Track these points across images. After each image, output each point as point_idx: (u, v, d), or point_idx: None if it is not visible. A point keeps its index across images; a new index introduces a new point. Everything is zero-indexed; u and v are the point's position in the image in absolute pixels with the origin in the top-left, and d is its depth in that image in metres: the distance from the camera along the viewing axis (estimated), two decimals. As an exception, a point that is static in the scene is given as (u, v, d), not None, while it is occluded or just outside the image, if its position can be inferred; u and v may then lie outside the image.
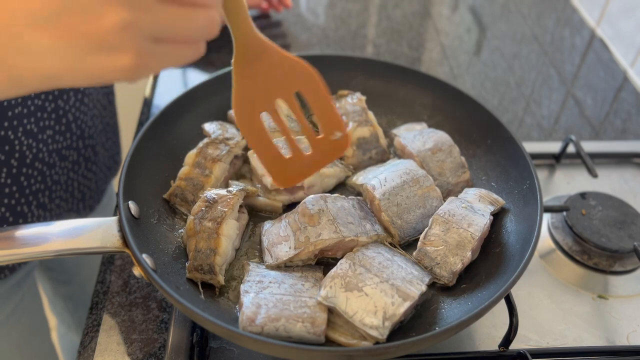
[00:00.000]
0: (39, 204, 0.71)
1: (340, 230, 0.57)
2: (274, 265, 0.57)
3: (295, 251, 0.56)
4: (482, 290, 0.55)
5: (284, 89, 0.55)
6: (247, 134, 0.56)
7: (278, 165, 0.57)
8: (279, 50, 0.53)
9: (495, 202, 0.62)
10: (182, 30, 0.39)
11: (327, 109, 0.56)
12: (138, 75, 0.38)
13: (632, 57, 0.98)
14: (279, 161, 0.57)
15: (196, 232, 0.57)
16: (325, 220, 0.57)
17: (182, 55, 0.40)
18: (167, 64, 0.40)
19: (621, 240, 0.67)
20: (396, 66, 0.75)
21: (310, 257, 0.57)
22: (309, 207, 0.59)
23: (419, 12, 1.13)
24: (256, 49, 0.53)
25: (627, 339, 0.61)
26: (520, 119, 0.89)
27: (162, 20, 0.37)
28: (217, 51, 0.96)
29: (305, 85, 0.55)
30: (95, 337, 0.59)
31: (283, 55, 0.53)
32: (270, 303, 0.52)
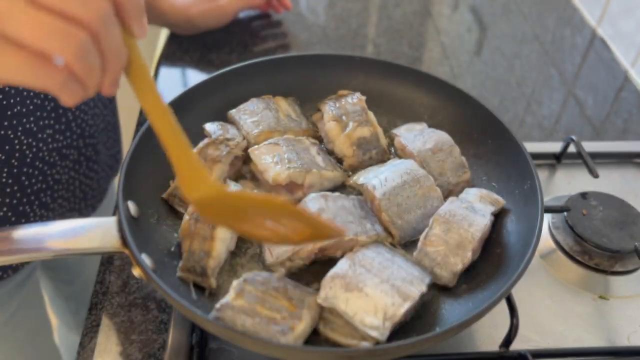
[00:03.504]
0: (41, 203, 0.71)
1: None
2: (275, 264, 0.57)
3: (295, 248, 0.56)
4: (483, 290, 0.55)
5: (252, 218, 0.50)
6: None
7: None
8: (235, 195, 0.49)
9: (495, 202, 0.62)
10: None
11: (315, 226, 0.50)
12: None
13: (633, 56, 0.97)
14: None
15: (191, 232, 0.57)
16: (325, 219, 0.57)
17: (17, 63, 0.36)
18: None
19: (622, 240, 0.66)
20: (396, 66, 0.74)
21: (309, 256, 0.57)
22: (308, 205, 0.59)
23: (420, 12, 1.12)
24: (207, 195, 0.47)
25: (628, 340, 0.61)
26: (521, 118, 0.89)
27: None
28: (216, 51, 0.96)
29: (275, 216, 0.49)
30: (94, 337, 0.59)
31: (237, 196, 0.49)
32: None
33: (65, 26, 0.36)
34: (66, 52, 0.36)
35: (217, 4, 0.94)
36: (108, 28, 0.38)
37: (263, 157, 0.64)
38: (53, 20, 0.35)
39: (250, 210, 0.49)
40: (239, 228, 0.51)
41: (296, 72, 0.75)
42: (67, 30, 0.36)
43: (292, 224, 0.49)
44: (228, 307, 0.52)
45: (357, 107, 0.69)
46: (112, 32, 0.38)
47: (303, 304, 0.53)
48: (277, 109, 0.71)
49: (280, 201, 0.49)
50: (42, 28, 0.35)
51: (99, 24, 0.37)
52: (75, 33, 0.36)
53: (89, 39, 0.37)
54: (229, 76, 0.72)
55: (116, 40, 0.39)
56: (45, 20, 0.35)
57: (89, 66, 0.38)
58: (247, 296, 0.52)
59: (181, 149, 0.46)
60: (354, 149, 0.67)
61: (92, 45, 0.37)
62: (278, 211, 0.49)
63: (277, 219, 0.49)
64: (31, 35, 0.35)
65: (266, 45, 0.99)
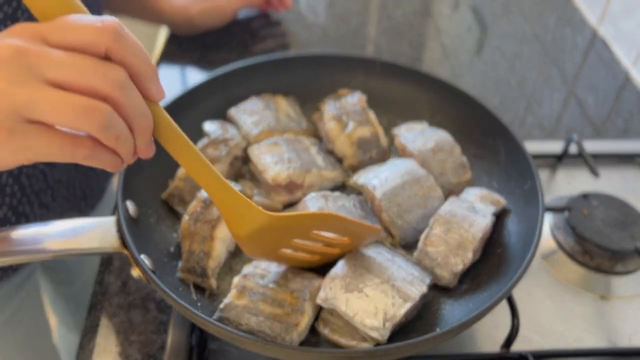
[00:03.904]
0: (41, 203, 0.71)
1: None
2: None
3: None
4: (484, 291, 0.55)
5: (299, 234, 0.52)
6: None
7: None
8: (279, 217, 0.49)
9: (496, 202, 0.62)
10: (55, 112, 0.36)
11: (354, 227, 0.53)
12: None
13: (634, 56, 0.97)
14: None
15: (191, 233, 0.57)
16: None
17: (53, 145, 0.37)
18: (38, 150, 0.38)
19: (623, 240, 0.66)
20: (397, 65, 0.74)
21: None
22: (308, 205, 0.59)
23: (420, 11, 1.12)
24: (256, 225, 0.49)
25: (629, 340, 0.61)
26: (522, 118, 0.89)
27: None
28: (216, 50, 0.96)
29: (321, 227, 0.52)
30: (93, 338, 0.59)
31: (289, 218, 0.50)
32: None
33: (88, 102, 0.36)
34: (91, 127, 0.37)
35: (216, 3, 0.94)
36: (128, 95, 0.38)
37: (263, 157, 0.64)
38: (75, 98, 0.36)
39: (293, 229, 0.51)
40: (282, 256, 0.54)
41: (296, 72, 0.74)
42: (90, 105, 0.36)
43: (331, 234, 0.53)
44: (232, 307, 0.52)
45: (358, 107, 0.69)
46: (132, 97, 0.39)
47: (304, 295, 0.53)
48: (276, 109, 0.71)
49: (320, 212, 0.53)
50: (66, 108, 0.36)
51: (119, 94, 0.38)
52: (97, 107, 0.37)
53: (111, 110, 0.37)
54: (229, 76, 0.71)
55: (138, 104, 0.39)
56: (68, 100, 0.36)
57: (116, 135, 0.38)
58: (248, 293, 0.52)
59: (223, 191, 0.47)
60: (354, 148, 0.67)
61: (115, 115, 0.38)
62: (319, 221, 0.51)
63: (319, 229, 0.52)
64: (56, 118, 0.36)
65: (266, 44, 0.99)
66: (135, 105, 0.39)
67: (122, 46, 0.38)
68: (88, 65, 0.37)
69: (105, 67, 0.37)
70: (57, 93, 0.36)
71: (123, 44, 0.38)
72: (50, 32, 0.37)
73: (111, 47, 0.37)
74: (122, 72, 0.38)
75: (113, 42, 0.37)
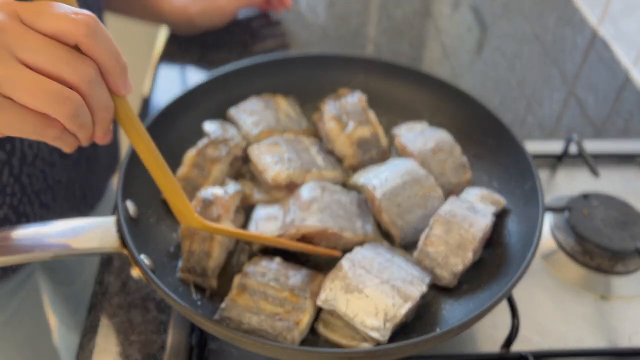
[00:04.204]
0: (42, 203, 0.71)
1: (324, 221, 0.57)
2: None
3: (279, 231, 0.57)
4: (484, 291, 0.55)
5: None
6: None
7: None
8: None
9: (496, 202, 0.62)
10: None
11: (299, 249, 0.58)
12: None
13: (634, 56, 0.97)
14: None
15: (190, 233, 0.57)
16: (316, 208, 0.58)
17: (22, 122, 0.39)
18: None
19: (623, 240, 0.66)
20: (397, 65, 0.74)
21: (292, 238, 0.58)
22: (303, 193, 0.59)
23: (420, 11, 1.12)
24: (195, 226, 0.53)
25: (630, 340, 0.61)
26: (522, 118, 0.89)
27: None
28: (216, 50, 0.96)
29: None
30: (93, 338, 0.59)
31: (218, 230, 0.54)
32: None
33: (61, 90, 0.39)
34: (62, 114, 0.39)
35: (216, 3, 0.93)
36: (96, 89, 0.41)
37: (263, 157, 0.64)
38: (49, 84, 0.38)
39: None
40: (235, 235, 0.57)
41: (296, 72, 0.74)
42: (63, 94, 0.39)
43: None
44: (233, 306, 0.52)
45: (358, 107, 0.69)
46: (100, 92, 0.41)
47: (305, 292, 0.53)
48: (276, 109, 0.71)
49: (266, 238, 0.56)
50: (41, 93, 0.38)
51: (88, 87, 0.40)
52: (70, 97, 0.39)
53: (81, 102, 0.40)
54: (229, 76, 0.71)
55: (103, 99, 0.42)
56: (43, 85, 0.38)
57: (81, 123, 0.41)
58: (249, 292, 0.53)
59: (171, 189, 0.50)
60: (354, 148, 0.67)
61: (84, 106, 0.40)
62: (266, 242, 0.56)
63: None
64: (31, 99, 0.38)
65: (266, 44, 0.99)
66: (101, 99, 0.41)
67: (93, 41, 0.39)
68: (62, 55, 0.38)
69: (77, 61, 0.39)
70: (32, 76, 0.38)
71: (94, 39, 0.39)
72: (26, 13, 0.38)
73: (82, 41, 0.39)
74: (92, 67, 0.40)
75: (85, 36, 0.39)
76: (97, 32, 0.39)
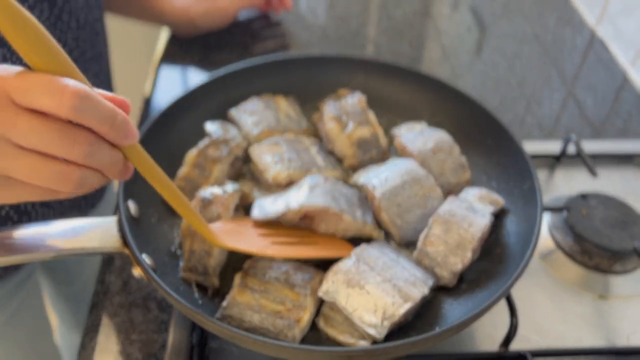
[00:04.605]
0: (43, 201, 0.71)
1: (327, 201, 0.58)
2: (260, 219, 0.58)
3: (283, 210, 0.58)
4: (483, 290, 0.55)
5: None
6: None
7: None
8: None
9: (495, 202, 0.62)
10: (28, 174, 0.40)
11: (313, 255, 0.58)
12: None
13: (633, 57, 0.97)
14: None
15: (191, 232, 0.57)
16: (319, 191, 0.59)
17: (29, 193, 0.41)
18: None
19: (622, 240, 0.67)
20: (396, 66, 0.75)
21: (294, 219, 0.59)
22: (306, 180, 0.61)
23: (420, 12, 1.12)
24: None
25: (628, 340, 0.61)
26: (521, 118, 0.89)
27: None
28: (217, 51, 0.97)
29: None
30: (94, 337, 0.59)
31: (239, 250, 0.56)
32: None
33: (60, 170, 0.39)
34: (66, 189, 0.40)
35: (217, 5, 0.94)
36: (97, 158, 0.41)
37: (263, 157, 0.64)
38: (48, 166, 0.39)
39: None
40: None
41: (296, 72, 0.75)
42: (62, 174, 0.40)
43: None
44: (234, 304, 0.52)
45: (357, 107, 0.69)
46: (101, 156, 0.41)
47: (306, 290, 0.53)
48: (277, 109, 0.71)
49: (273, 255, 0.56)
50: (40, 176, 0.39)
51: (86, 160, 0.40)
52: (70, 176, 0.40)
53: (83, 175, 0.41)
54: (230, 77, 0.72)
55: (108, 160, 0.42)
56: (41, 167, 0.39)
57: (90, 186, 0.42)
58: (250, 290, 0.53)
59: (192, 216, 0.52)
60: (354, 149, 0.68)
61: (86, 175, 0.41)
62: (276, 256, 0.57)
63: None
64: (34, 181, 0.40)
65: (266, 45, 0.99)
66: (104, 161, 0.41)
67: (82, 114, 0.38)
68: (53, 137, 0.38)
69: (69, 140, 0.39)
70: (30, 161, 0.39)
71: (83, 112, 0.38)
72: (16, 92, 0.38)
73: (72, 116, 0.38)
74: (87, 141, 0.39)
75: (73, 110, 0.38)
76: (85, 103, 0.38)
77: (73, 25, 0.67)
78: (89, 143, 0.39)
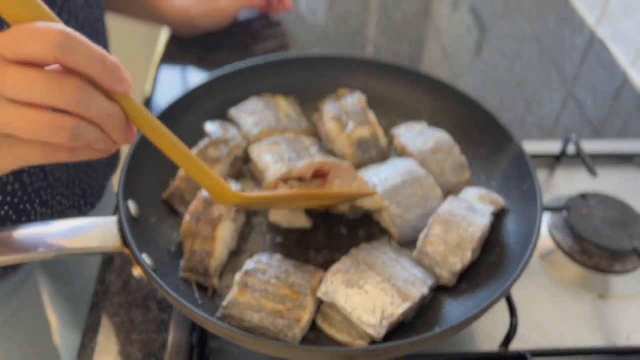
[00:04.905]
0: (42, 201, 0.71)
1: (340, 161, 0.59)
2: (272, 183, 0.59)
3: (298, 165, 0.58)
4: (482, 290, 0.55)
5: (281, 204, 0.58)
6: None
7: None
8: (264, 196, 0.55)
9: (495, 202, 0.62)
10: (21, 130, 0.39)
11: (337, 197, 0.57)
12: None
13: (632, 57, 0.98)
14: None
15: (192, 233, 0.57)
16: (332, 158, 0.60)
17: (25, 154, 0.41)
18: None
19: (622, 240, 0.67)
20: (396, 66, 0.75)
21: (307, 174, 0.58)
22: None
23: (420, 12, 1.12)
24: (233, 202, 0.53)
25: (628, 339, 0.61)
26: (521, 119, 0.89)
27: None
28: (217, 51, 0.97)
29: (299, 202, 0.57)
30: (94, 337, 0.59)
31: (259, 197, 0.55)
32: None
33: (52, 119, 0.39)
34: (61, 141, 0.40)
35: (217, 5, 0.94)
36: (88, 105, 0.40)
37: (263, 157, 0.64)
38: (40, 117, 0.39)
39: (272, 203, 0.57)
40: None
41: (296, 73, 0.75)
42: (55, 123, 0.39)
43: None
44: (234, 304, 0.52)
45: (357, 107, 0.69)
46: (94, 105, 0.40)
47: (306, 289, 0.53)
48: (277, 109, 0.71)
49: (293, 193, 0.55)
50: (33, 127, 0.39)
51: (79, 106, 0.39)
52: (62, 124, 0.39)
53: (76, 124, 0.40)
54: (230, 77, 0.72)
55: (101, 109, 0.41)
56: (34, 119, 0.39)
57: (87, 140, 0.41)
58: (250, 290, 0.53)
59: (199, 171, 0.50)
60: (354, 149, 0.68)
61: (81, 125, 0.40)
62: (294, 198, 0.56)
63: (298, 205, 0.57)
64: (28, 135, 0.39)
65: (266, 45, 0.99)
66: (99, 110, 0.40)
67: (70, 55, 0.38)
68: (42, 84, 0.38)
69: (59, 84, 0.38)
70: (21, 112, 0.39)
71: (71, 53, 0.38)
72: (4, 48, 0.38)
73: (59, 58, 0.38)
74: (76, 85, 0.39)
75: (60, 51, 0.37)
76: (71, 44, 0.38)
77: (73, 24, 0.66)
78: (77, 86, 0.39)
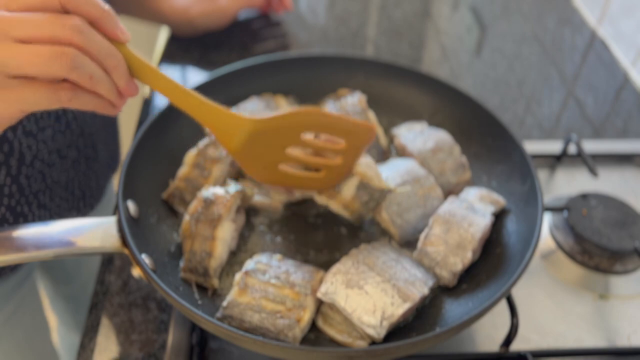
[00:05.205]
0: (40, 204, 0.71)
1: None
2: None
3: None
4: (483, 290, 0.55)
5: (289, 139, 0.55)
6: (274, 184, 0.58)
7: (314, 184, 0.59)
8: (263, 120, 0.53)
9: (495, 202, 0.62)
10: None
11: (343, 124, 0.55)
12: None
13: (633, 57, 0.97)
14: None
15: (192, 233, 0.57)
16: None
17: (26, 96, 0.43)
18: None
19: (622, 240, 0.66)
20: (396, 66, 0.74)
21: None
22: None
23: (420, 12, 1.12)
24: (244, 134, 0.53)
25: (628, 339, 0.61)
26: (521, 118, 0.89)
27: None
28: (217, 51, 0.96)
29: (308, 127, 0.55)
30: (94, 337, 0.59)
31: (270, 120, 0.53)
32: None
33: (53, 48, 0.42)
34: (62, 69, 0.42)
35: (217, 5, 0.94)
36: (89, 38, 0.43)
37: (263, 157, 0.64)
38: (42, 48, 0.42)
39: (281, 132, 0.54)
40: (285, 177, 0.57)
41: (296, 72, 0.75)
42: (56, 51, 0.42)
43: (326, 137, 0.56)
44: (234, 305, 0.52)
45: (357, 107, 0.69)
46: (94, 39, 0.43)
47: (306, 289, 0.53)
48: (277, 108, 0.71)
49: (303, 109, 0.54)
50: (36, 58, 0.41)
51: (79, 38, 0.43)
52: (63, 51, 0.42)
53: (76, 52, 0.42)
54: (230, 76, 0.72)
55: (102, 45, 0.44)
56: (37, 51, 0.41)
57: (89, 74, 0.43)
58: (250, 290, 0.53)
59: (205, 108, 0.51)
60: (354, 149, 0.67)
61: (80, 55, 0.43)
62: (304, 119, 0.53)
63: (307, 129, 0.54)
64: (31, 68, 0.42)
65: (266, 45, 0.99)
66: (100, 46, 0.44)
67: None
68: (46, 19, 0.42)
69: (62, 18, 0.42)
70: (26, 47, 0.41)
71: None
72: (9, 2, 0.42)
73: (63, 1, 0.42)
74: (78, 19, 0.43)
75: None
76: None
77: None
78: (79, 20, 0.43)
